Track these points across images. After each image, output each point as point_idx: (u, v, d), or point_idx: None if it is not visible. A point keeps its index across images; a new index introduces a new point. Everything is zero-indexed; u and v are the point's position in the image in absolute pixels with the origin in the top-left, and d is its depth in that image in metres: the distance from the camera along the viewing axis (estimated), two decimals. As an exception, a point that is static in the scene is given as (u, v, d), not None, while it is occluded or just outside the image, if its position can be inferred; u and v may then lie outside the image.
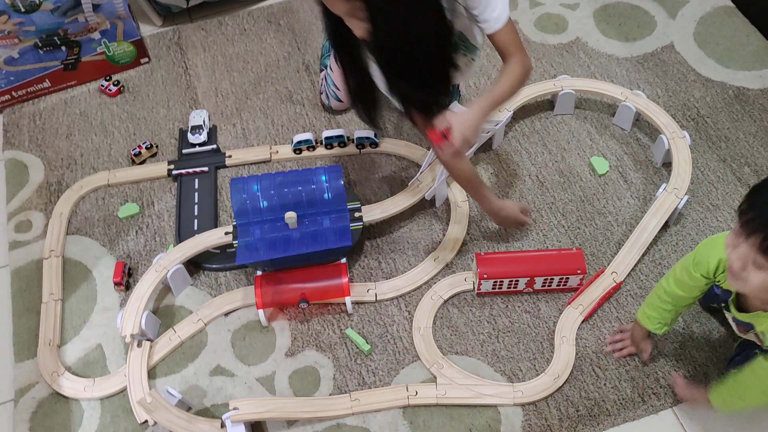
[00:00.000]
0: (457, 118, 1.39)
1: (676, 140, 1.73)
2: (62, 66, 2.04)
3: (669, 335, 1.51)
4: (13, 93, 2.04)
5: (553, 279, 1.55)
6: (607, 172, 1.80)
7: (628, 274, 1.60)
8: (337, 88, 1.91)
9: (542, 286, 1.57)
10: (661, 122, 1.77)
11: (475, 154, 1.81)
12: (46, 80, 2.06)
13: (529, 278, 1.55)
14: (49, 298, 1.65)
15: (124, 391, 1.51)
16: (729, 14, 2.12)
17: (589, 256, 1.65)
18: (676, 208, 1.63)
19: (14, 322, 1.64)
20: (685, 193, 1.64)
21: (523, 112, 1.92)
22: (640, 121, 1.88)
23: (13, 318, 1.64)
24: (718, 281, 1.25)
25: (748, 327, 1.24)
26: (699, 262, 1.25)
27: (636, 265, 1.61)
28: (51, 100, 2.08)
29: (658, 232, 1.63)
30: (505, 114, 1.81)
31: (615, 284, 1.57)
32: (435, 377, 1.48)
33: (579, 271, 1.54)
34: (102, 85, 2.07)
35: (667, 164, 1.78)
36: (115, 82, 2.07)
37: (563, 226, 1.71)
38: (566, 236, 1.69)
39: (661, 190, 1.67)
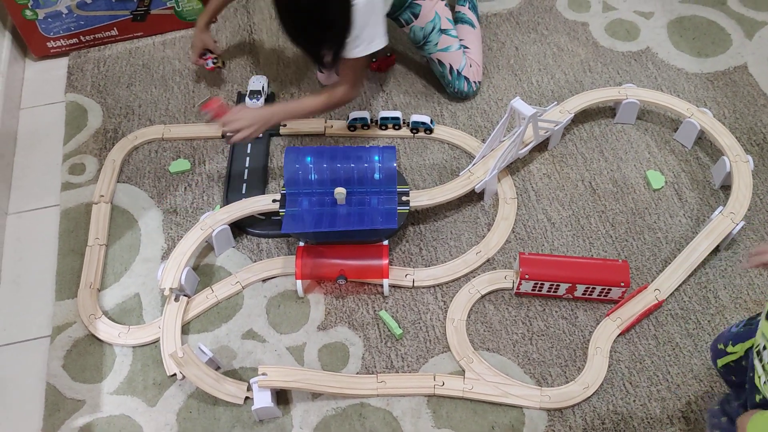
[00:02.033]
0: (245, 110, 1.63)
1: (739, 164, 1.69)
2: (131, 16, 2.07)
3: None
4: (82, 37, 2.07)
5: (594, 288, 1.53)
6: (662, 187, 1.76)
7: (671, 294, 1.57)
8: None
9: (583, 293, 1.55)
10: (725, 143, 1.72)
11: (529, 153, 1.79)
12: (114, 28, 2.08)
13: (570, 284, 1.53)
14: (95, 242, 1.68)
15: (156, 342, 1.53)
16: (809, 41, 2.06)
17: (634, 270, 1.62)
18: (731, 233, 1.59)
19: (59, 261, 1.67)
20: (742, 219, 1.60)
21: (583, 116, 1.89)
22: (702, 139, 1.84)
23: (58, 257, 1.68)
24: None
25: None
26: None
27: (680, 285, 1.58)
28: (116, 49, 2.11)
29: (708, 255, 1.59)
30: (565, 116, 1.79)
31: (657, 302, 1.55)
32: (463, 371, 1.48)
33: (622, 284, 1.52)
34: (203, 56, 1.94)
35: (726, 187, 1.73)
36: (215, 60, 1.94)
37: (611, 236, 1.68)
38: (613, 247, 1.66)
39: (716, 212, 1.63)
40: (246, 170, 1.80)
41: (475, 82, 1.93)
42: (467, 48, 1.94)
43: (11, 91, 1.97)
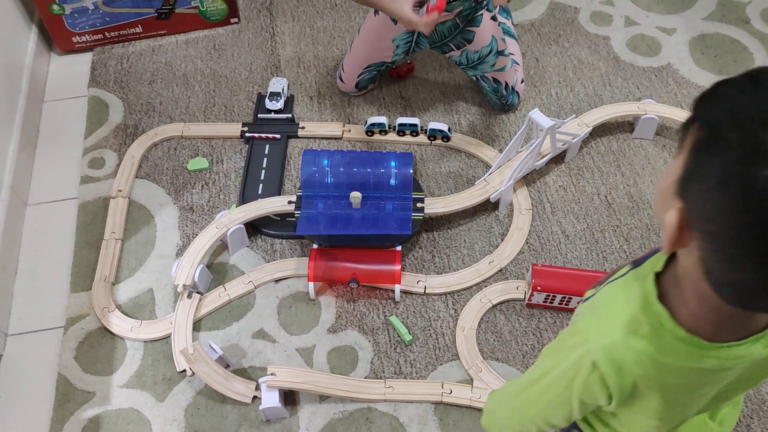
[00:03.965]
0: None
1: (757, 184, 1.67)
2: (156, 14, 2.09)
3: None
4: (106, 33, 2.10)
5: (606, 303, 1.53)
6: (679, 204, 1.75)
7: (683, 311, 1.56)
8: (343, 69, 1.92)
9: (594, 307, 1.55)
10: (744, 163, 1.71)
11: (546, 165, 1.79)
12: (139, 26, 2.11)
13: (582, 298, 1.52)
14: (111, 236, 1.70)
15: (167, 338, 1.54)
16: (833, 63, 2.04)
17: (647, 286, 1.61)
18: (746, 252, 1.58)
19: (75, 253, 1.69)
20: (758, 239, 1.59)
21: (601, 130, 1.88)
22: (721, 158, 1.83)
23: (74, 249, 1.70)
24: None
25: None
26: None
27: (694, 303, 1.57)
28: (140, 46, 2.14)
29: (723, 274, 1.58)
30: (584, 129, 1.79)
31: (669, 319, 1.54)
32: (472, 379, 1.48)
33: (635, 300, 1.51)
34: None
35: (743, 207, 1.72)
36: None
37: (625, 251, 1.68)
38: (626, 262, 1.65)
39: (732, 231, 1.62)
40: (263, 171, 1.81)
41: (522, 93, 1.94)
42: (516, 63, 1.92)
43: (35, 84, 1.99)
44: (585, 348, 0.76)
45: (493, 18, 1.76)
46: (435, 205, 1.66)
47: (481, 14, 1.71)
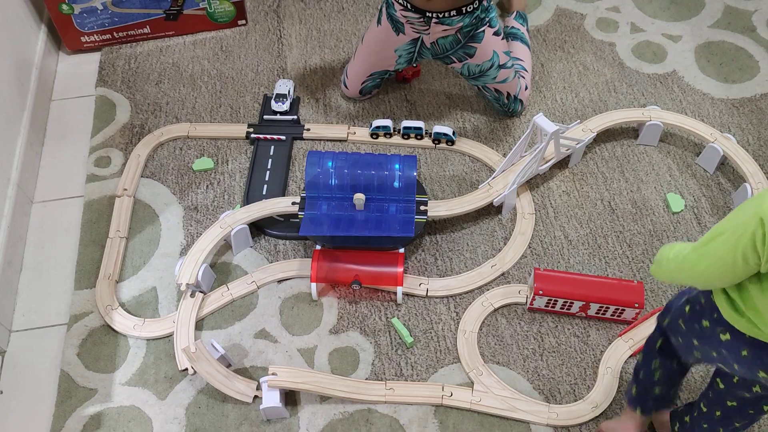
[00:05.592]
0: None
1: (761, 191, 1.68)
2: (164, 15, 2.10)
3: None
4: (115, 34, 2.11)
5: (608, 308, 1.53)
6: (682, 211, 1.76)
7: (685, 318, 1.56)
8: (347, 76, 1.94)
9: (596, 312, 1.55)
10: (748, 170, 1.72)
11: (550, 170, 1.79)
12: (147, 26, 2.12)
13: (584, 302, 1.53)
14: (115, 234, 1.71)
15: (170, 336, 1.55)
16: (838, 72, 2.04)
17: (649, 291, 1.62)
18: (749, 260, 1.58)
19: (80, 251, 1.70)
20: (761, 247, 1.59)
21: (605, 136, 1.89)
22: (725, 165, 1.83)
23: (79, 247, 1.71)
24: None
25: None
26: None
27: (696, 310, 1.57)
28: (148, 46, 2.15)
29: (725, 281, 1.58)
30: (588, 134, 1.79)
31: (670, 325, 1.54)
32: (472, 382, 1.48)
33: (636, 305, 1.51)
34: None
35: (746, 214, 1.72)
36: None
37: (627, 256, 1.68)
38: (629, 267, 1.66)
39: (735, 239, 1.62)
40: (268, 172, 1.82)
41: (526, 100, 1.95)
42: (524, 69, 1.93)
43: (44, 83, 2.01)
44: (757, 208, 0.88)
45: (497, 33, 1.76)
46: (438, 208, 1.67)
47: (483, 31, 1.72)
